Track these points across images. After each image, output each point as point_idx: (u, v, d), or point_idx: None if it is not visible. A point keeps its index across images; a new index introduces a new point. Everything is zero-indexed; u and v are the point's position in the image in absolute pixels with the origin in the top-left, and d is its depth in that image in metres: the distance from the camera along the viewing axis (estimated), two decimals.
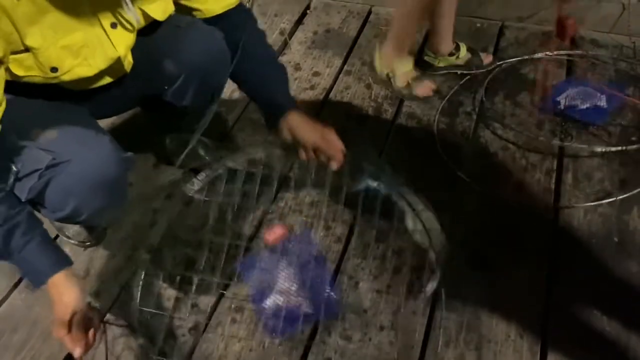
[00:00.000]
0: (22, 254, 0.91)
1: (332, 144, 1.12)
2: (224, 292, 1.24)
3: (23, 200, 0.95)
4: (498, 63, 1.75)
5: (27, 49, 0.90)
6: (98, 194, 0.98)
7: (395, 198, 1.18)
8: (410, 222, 1.16)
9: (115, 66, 1.04)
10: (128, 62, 1.06)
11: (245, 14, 1.22)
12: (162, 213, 1.41)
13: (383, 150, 1.54)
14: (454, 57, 1.71)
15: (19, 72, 0.93)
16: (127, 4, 0.97)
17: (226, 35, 1.17)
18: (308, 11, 2.08)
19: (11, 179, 0.94)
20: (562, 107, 1.58)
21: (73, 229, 1.34)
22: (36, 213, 0.99)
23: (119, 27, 1.00)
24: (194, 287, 1.22)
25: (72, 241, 1.33)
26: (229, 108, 1.69)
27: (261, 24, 1.97)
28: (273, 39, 1.94)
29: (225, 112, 1.68)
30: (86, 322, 0.91)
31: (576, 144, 1.48)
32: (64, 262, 0.95)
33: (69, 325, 0.89)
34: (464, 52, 1.71)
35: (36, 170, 0.93)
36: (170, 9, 1.08)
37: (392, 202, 1.18)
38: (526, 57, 1.77)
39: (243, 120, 1.67)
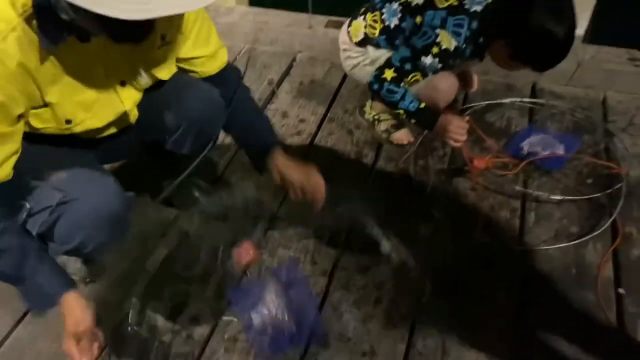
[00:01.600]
0: (35, 277, 1.01)
1: (317, 186, 1.25)
2: (218, 319, 1.33)
3: (34, 234, 1.05)
4: (467, 106, 1.93)
5: (45, 105, 1.02)
6: (103, 229, 1.08)
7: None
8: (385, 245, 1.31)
9: (122, 118, 1.17)
10: (134, 115, 1.19)
11: (233, 73, 1.35)
12: (158, 250, 1.50)
13: (364, 190, 1.68)
14: None
15: (37, 124, 1.05)
16: (140, 74, 1.11)
17: (218, 87, 1.29)
18: (294, 63, 2.25)
19: (24, 215, 1.04)
20: (524, 152, 1.75)
21: (74, 266, 1.42)
22: None
23: (127, 85, 1.13)
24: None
25: (74, 277, 1.41)
26: (221, 152, 1.81)
27: (251, 74, 2.16)
28: (262, 88, 2.10)
29: (218, 156, 1.80)
30: (92, 336, 1.02)
31: (538, 191, 1.63)
32: (71, 284, 1.06)
33: (78, 339, 1.00)
34: None
35: (48, 207, 1.03)
36: (174, 69, 1.22)
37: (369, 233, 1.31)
38: (492, 102, 1.96)
39: (234, 164, 1.79)
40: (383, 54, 1.64)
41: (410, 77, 1.55)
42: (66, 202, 1.04)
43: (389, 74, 1.56)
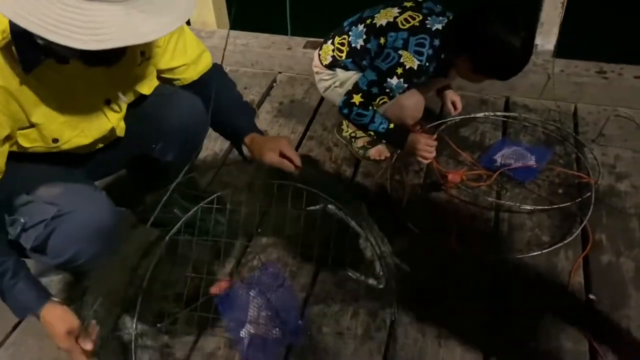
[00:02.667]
0: (13, 292, 1.06)
1: (290, 159, 1.28)
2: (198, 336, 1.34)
3: (28, 248, 1.08)
4: (442, 121, 1.99)
5: (32, 125, 1.05)
6: (95, 242, 1.11)
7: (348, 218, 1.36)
8: (362, 241, 1.34)
9: (109, 134, 1.20)
10: (121, 128, 1.23)
11: (215, 71, 1.37)
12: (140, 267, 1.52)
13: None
14: None
15: (25, 144, 1.08)
16: (123, 92, 1.16)
17: (201, 89, 1.33)
18: (274, 84, 2.30)
19: (18, 229, 1.07)
20: (498, 164, 1.80)
21: (57, 287, 1.43)
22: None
23: (112, 103, 1.17)
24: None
25: (55, 299, 1.43)
26: (201, 172, 1.85)
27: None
28: None
29: (198, 175, 1.83)
30: (84, 331, 1.09)
31: (509, 202, 1.68)
32: (47, 294, 1.11)
33: (73, 335, 1.06)
34: None
35: (43, 221, 1.06)
36: (155, 83, 1.26)
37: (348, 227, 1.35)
38: (465, 117, 2.01)
39: (216, 183, 1.82)
40: (351, 75, 1.70)
41: (378, 100, 1.61)
42: (60, 216, 1.06)
43: (357, 98, 1.61)
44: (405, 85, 1.58)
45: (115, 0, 0.83)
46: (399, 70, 1.55)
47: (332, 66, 1.73)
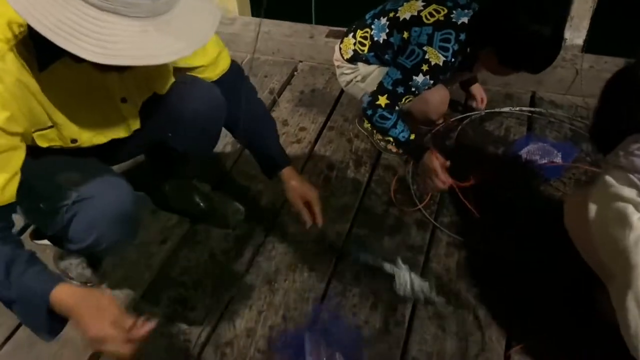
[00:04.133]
0: (22, 280, 0.91)
1: (314, 212, 1.32)
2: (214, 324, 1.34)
3: (49, 234, 1.08)
4: (466, 115, 1.95)
5: (51, 126, 1.04)
6: (116, 226, 1.10)
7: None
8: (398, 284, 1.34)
9: (124, 132, 1.19)
10: (135, 124, 1.20)
11: (237, 76, 1.36)
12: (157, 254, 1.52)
13: (364, 197, 1.69)
14: None
15: (43, 144, 1.06)
16: (138, 90, 1.14)
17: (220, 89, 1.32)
18: (295, 73, 2.28)
19: (38, 216, 1.07)
20: (523, 160, 1.76)
21: (76, 271, 1.44)
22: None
23: (128, 101, 1.15)
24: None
25: (75, 282, 1.43)
26: (222, 160, 1.84)
27: (252, 84, 2.18)
28: (263, 97, 2.11)
29: (219, 164, 1.83)
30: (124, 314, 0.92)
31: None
32: (60, 280, 0.95)
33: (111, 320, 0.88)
34: None
35: (63, 206, 1.05)
36: (172, 80, 1.24)
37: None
38: (490, 110, 1.97)
39: (235, 172, 1.81)
40: (373, 70, 1.67)
41: (403, 100, 1.56)
42: (81, 201, 1.06)
43: (382, 100, 1.55)
44: (432, 82, 1.54)
45: (133, 16, 0.80)
46: (425, 67, 1.50)
47: (353, 60, 1.70)
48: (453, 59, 1.52)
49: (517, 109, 2.00)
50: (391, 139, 1.60)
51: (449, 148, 1.84)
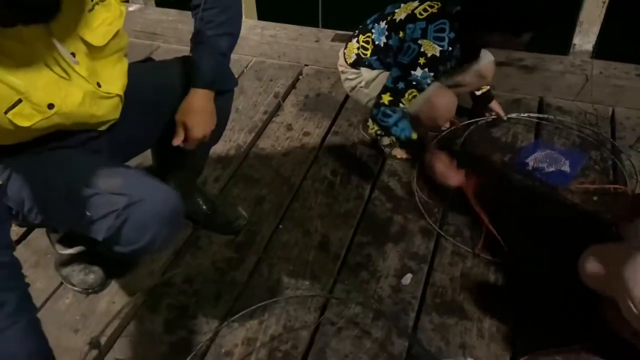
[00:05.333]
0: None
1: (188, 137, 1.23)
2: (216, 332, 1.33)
3: (100, 239, 1.06)
4: (473, 120, 1.93)
5: (19, 100, 0.97)
6: (168, 225, 1.10)
7: None
8: None
9: (96, 93, 1.09)
10: (105, 88, 1.11)
11: None
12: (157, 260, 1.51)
13: (368, 203, 1.67)
14: None
15: (24, 123, 0.99)
16: (57, 46, 1.00)
17: None
18: (301, 77, 2.26)
19: (85, 223, 1.05)
20: (529, 168, 1.73)
21: (78, 278, 1.42)
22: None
23: (77, 56, 1.04)
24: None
25: (76, 288, 1.43)
26: (225, 165, 1.83)
27: (257, 87, 2.18)
28: (268, 101, 2.12)
29: (222, 168, 1.82)
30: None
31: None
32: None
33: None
34: None
35: (114, 211, 1.04)
36: (112, 31, 1.10)
37: None
38: (494, 117, 1.94)
39: (238, 176, 1.80)
40: (377, 75, 1.66)
41: (407, 95, 1.55)
42: (132, 205, 1.05)
43: (385, 98, 1.56)
44: (432, 74, 1.53)
45: None
46: (422, 60, 1.50)
47: (356, 64, 1.69)
48: (450, 48, 1.51)
49: (525, 115, 1.97)
50: (394, 138, 1.61)
51: (454, 155, 1.82)
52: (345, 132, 1.96)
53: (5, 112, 0.97)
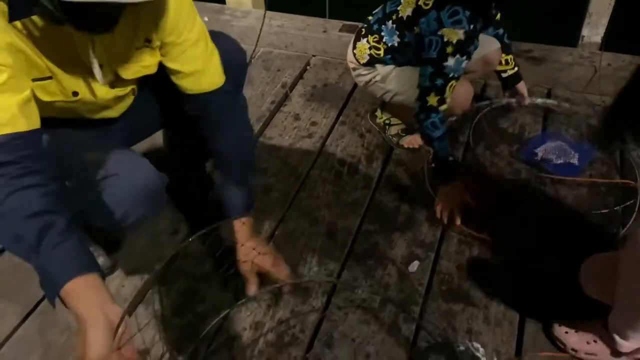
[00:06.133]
0: (54, 252, 0.85)
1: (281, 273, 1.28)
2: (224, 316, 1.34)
3: (76, 211, 1.04)
4: (483, 103, 1.93)
5: (50, 77, 1.01)
6: (142, 204, 1.11)
7: None
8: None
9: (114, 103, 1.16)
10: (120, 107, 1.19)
11: (233, 100, 1.27)
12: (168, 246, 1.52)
13: (375, 192, 1.68)
14: None
15: (44, 97, 1.03)
16: (109, 68, 1.07)
17: (206, 111, 1.22)
18: (308, 67, 2.27)
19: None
20: (538, 159, 1.73)
21: None
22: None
23: (104, 67, 1.07)
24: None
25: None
26: None
27: (265, 77, 2.18)
28: (275, 91, 2.12)
29: None
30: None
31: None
32: (91, 266, 0.88)
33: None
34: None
35: (90, 184, 1.06)
36: (145, 72, 1.15)
37: None
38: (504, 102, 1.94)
39: None
40: (392, 70, 1.64)
41: (448, 89, 1.50)
42: (107, 178, 1.07)
43: (432, 99, 1.50)
44: (464, 58, 1.47)
45: None
46: (450, 49, 1.44)
47: (370, 64, 1.66)
48: (472, 25, 1.44)
49: (541, 100, 1.96)
50: (432, 150, 1.57)
51: (460, 143, 1.83)
52: (353, 122, 1.97)
53: (33, 80, 0.99)
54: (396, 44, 1.59)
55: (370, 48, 1.65)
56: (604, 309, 1.17)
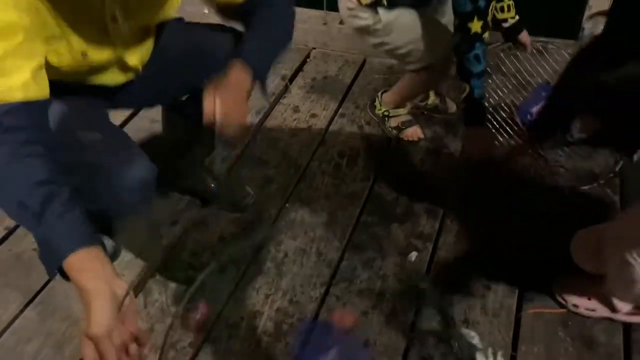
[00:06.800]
0: (58, 221, 0.81)
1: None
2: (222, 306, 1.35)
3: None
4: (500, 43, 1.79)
5: (60, 36, 0.99)
6: (132, 191, 1.09)
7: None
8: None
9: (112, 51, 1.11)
10: (130, 53, 1.14)
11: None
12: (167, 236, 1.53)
13: (374, 184, 1.68)
14: (423, 103, 1.90)
15: (54, 59, 1.00)
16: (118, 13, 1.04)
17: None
18: (308, 59, 2.27)
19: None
20: (532, 118, 1.70)
21: None
22: None
23: (119, 21, 1.05)
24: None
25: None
26: (235, 144, 1.84)
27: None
28: (275, 83, 2.12)
29: (231, 147, 1.83)
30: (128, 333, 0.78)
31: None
32: (94, 240, 0.83)
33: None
34: (432, 98, 1.89)
35: (81, 163, 1.03)
36: (162, 11, 1.14)
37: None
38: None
39: (245, 157, 1.81)
40: (396, 17, 1.52)
41: (490, 10, 1.36)
42: (97, 162, 1.05)
43: (475, 26, 1.34)
44: None
45: None
46: None
47: (373, 5, 1.51)
48: None
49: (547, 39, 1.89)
50: (467, 88, 1.42)
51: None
52: (352, 114, 1.97)
53: (45, 42, 0.96)
54: None
55: None
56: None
